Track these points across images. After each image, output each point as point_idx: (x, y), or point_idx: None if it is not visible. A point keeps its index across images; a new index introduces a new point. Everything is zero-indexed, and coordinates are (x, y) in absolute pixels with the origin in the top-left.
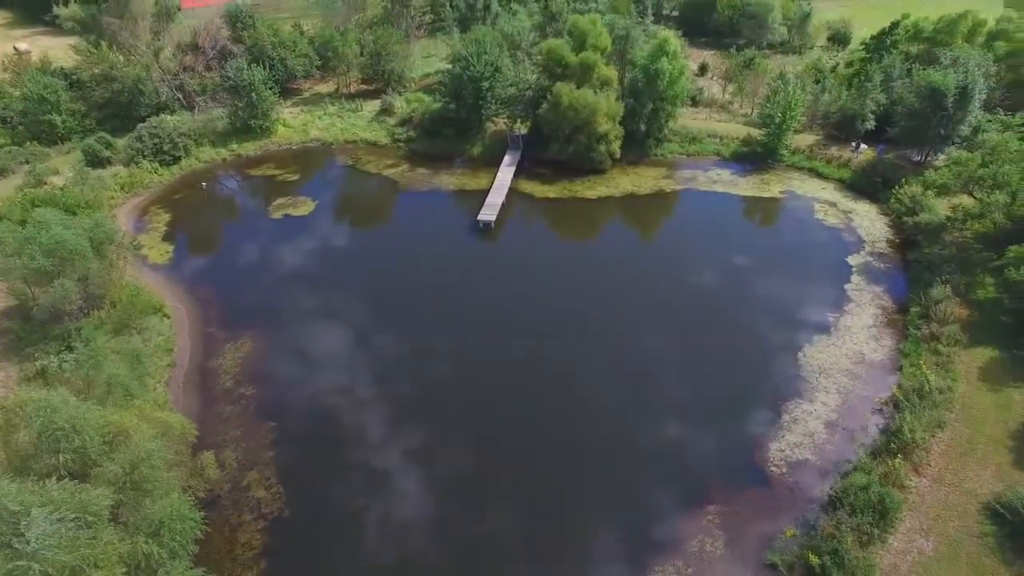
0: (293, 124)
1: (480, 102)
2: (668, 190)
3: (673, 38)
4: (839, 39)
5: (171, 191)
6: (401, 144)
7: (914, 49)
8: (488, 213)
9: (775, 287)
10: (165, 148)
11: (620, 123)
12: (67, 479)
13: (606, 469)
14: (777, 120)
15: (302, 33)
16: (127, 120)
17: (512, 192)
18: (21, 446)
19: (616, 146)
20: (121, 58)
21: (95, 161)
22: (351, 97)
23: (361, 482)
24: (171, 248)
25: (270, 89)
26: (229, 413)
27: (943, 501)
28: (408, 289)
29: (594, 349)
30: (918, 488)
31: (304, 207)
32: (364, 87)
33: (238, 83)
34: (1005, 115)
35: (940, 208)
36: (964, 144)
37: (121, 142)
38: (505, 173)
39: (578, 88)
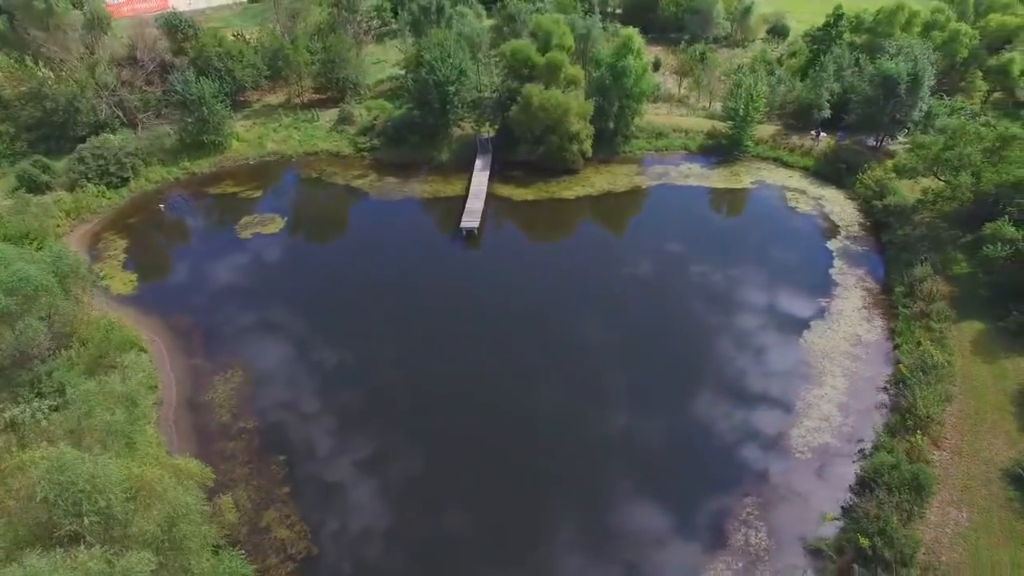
0: (247, 138)
1: (447, 107)
2: (644, 187)
3: (636, 35)
4: (778, 31)
5: (123, 215)
6: (365, 153)
7: (858, 40)
8: (470, 220)
9: (765, 276)
10: (111, 169)
11: (590, 122)
12: (96, 546)
13: (638, 468)
14: (740, 113)
15: (246, 42)
16: (63, 141)
17: (489, 196)
18: (33, 513)
19: (588, 145)
20: (51, 74)
21: (33, 187)
22: (305, 107)
23: (389, 507)
24: (134, 277)
25: (221, 102)
26: (232, 450)
27: (966, 472)
28: (400, 304)
29: (605, 349)
30: (941, 462)
31: (273, 224)
32: (316, 96)
33: (186, 97)
34: (944, 99)
35: (904, 190)
36: (917, 128)
37: (60, 165)
38: (480, 178)
39: (546, 88)
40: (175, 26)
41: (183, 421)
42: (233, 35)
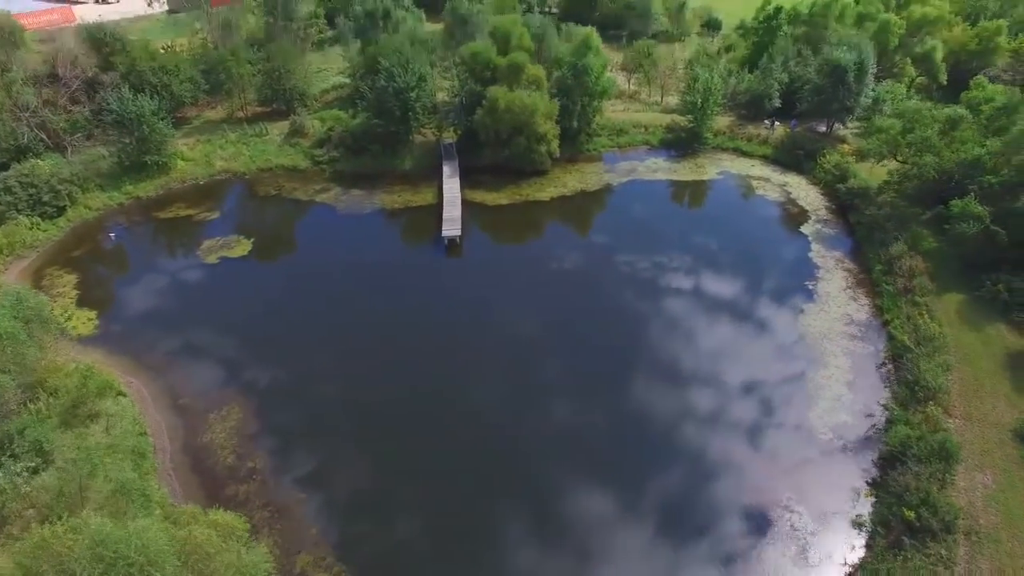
0: (193, 157)
1: (409, 114)
2: (615, 184)
3: (595, 34)
4: (712, 25)
5: (65, 248)
6: (324, 166)
7: (796, 32)
8: (451, 228)
9: (752, 264)
10: (44, 198)
11: (556, 122)
12: None
13: (679, 462)
14: (699, 106)
15: (176, 53)
16: None
17: (463, 203)
18: None
19: (555, 145)
20: None
21: None
22: (250, 121)
23: (432, 534)
24: (93, 315)
25: (162, 120)
26: (245, 494)
27: (980, 436)
28: (393, 320)
29: (623, 348)
30: (956, 428)
31: (240, 247)
32: (260, 110)
33: (124, 116)
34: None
35: (863, 173)
36: (866, 113)
37: None
38: (451, 184)
39: (509, 90)
40: (99, 39)
41: (183, 468)
42: (163, 48)
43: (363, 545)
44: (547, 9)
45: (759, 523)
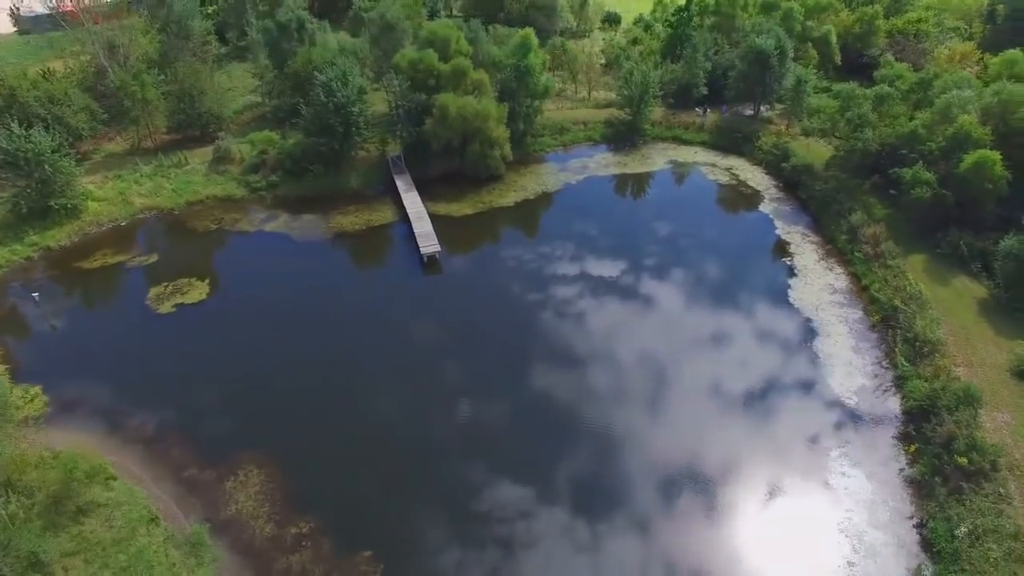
0: (105, 196)
1: (353, 129)
2: (573, 182)
3: (532, 34)
4: (612, 20)
5: None
6: (263, 193)
7: (708, 22)
8: (429, 245)
9: (731, 247)
10: None
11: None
12: None
13: (727, 446)
14: (637, 99)
15: (60, 80)
16: None
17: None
18: None
19: (508, 149)
20: None
21: None
22: (163, 151)
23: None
24: (38, 390)
25: (65, 156)
26: (300, 564)
27: (985, 379)
28: (393, 350)
29: (650, 352)
30: (964, 375)
31: (195, 291)
32: (170, 137)
33: (16, 156)
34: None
35: (801, 150)
36: (788, 95)
37: None
38: (412, 199)
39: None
40: None
41: (216, 550)
42: (41, 74)
43: None
44: (450, 12)
45: (819, 492)
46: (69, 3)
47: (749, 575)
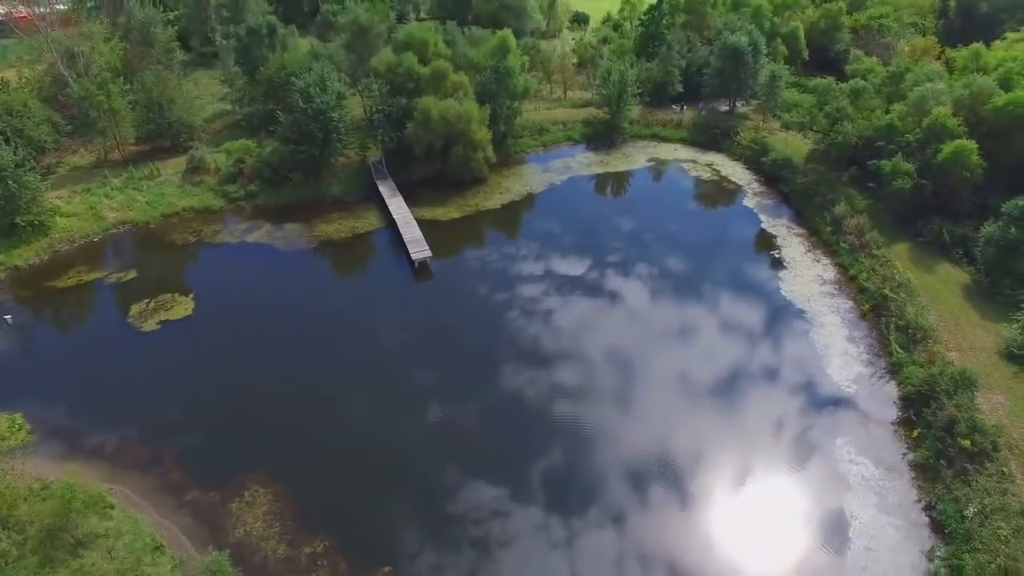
0: (74, 211)
1: (334, 135)
2: (557, 182)
3: (511, 35)
4: (580, 20)
5: None
6: (242, 203)
7: (679, 20)
8: (420, 250)
9: (720, 242)
10: None
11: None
12: None
13: (736, 440)
14: (615, 98)
15: (16, 91)
16: None
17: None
18: None
19: (491, 151)
20: None
21: None
22: (132, 163)
23: None
24: (18, 418)
25: (30, 171)
26: None
27: (977, 362)
28: (392, 359)
29: (653, 345)
30: (957, 360)
31: (180, 306)
32: (138, 148)
33: None
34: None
35: (779, 145)
36: (762, 91)
37: None
38: (397, 204)
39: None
40: None
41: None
42: None
43: None
44: (417, 14)
45: (833, 480)
46: (23, 9)
47: (767, 562)
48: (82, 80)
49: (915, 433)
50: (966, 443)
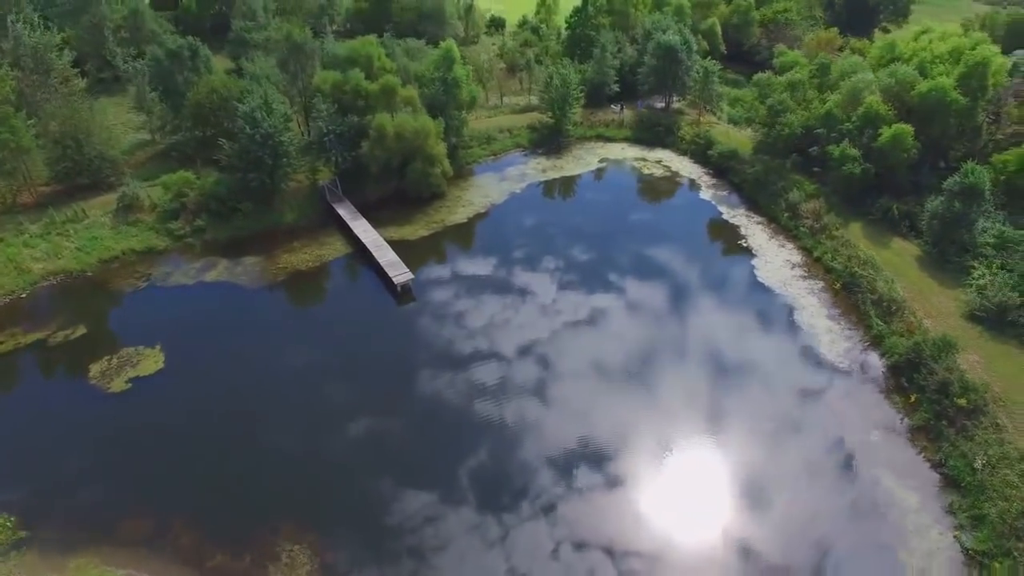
0: None
1: (284, 159)
2: (518, 190)
3: (455, 46)
4: (497, 24)
5: None
6: (191, 240)
7: (605, 20)
8: (401, 273)
9: (690, 236)
10: None
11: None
12: None
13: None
14: (559, 102)
15: None
16: None
17: None
18: None
19: (447, 164)
20: None
21: None
22: (51, 205)
23: None
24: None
25: None
26: None
27: (949, 325)
28: (394, 396)
29: (662, 341)
30: (932, 326)
31: (148, 360)
32: (50, 189)
33: None
34: None
35: (721, 138)
36: (696, 87)
37: None
38: (362, 227)
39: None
40: None
41: None
42: None
43: None
44: (334, 28)
45: (849, 457)
46: None
47: (795, 532)
48: None
49: (913, 398)
50: (962, 401)
